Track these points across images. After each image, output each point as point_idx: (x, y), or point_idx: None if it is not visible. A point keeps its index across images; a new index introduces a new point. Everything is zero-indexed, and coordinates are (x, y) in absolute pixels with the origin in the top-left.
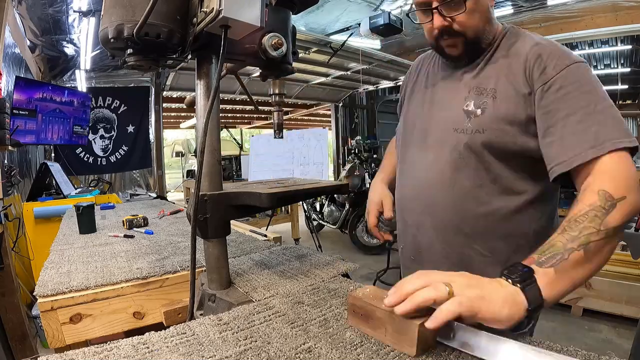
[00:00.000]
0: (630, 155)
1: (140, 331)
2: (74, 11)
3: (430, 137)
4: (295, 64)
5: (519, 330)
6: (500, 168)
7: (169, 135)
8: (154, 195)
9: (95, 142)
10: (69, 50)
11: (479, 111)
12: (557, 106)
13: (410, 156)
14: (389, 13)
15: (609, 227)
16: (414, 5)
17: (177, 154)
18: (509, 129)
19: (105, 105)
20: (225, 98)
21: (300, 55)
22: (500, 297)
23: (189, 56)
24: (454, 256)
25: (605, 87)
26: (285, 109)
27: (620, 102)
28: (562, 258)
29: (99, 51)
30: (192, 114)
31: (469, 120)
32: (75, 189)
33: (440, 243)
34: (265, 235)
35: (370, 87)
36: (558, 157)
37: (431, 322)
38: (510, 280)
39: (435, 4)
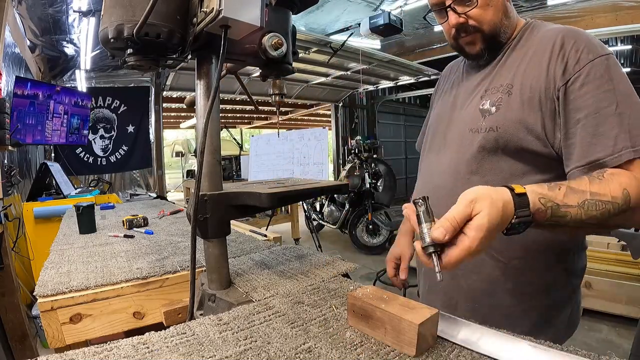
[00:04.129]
0: None
1: (140, 331)
2: (74, 11)
3: (448, 141)
4: (295, 64)
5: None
6: (515, 168)
7: (169, 135)
8: (154, 195)
9: (95, 142)
10: (69, 50)
11: (493, 109)
12: (578, 105)
13: (427, 162)
14: (389, 13)
15: (610, 224)
16: (430, 7)
17: (177, 154)
18: (523, 124)
19: (105, 105)
20: (225, 98)
21: (300, 55)
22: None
23: (189, 56)
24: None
25: None
26: (285, 109)
27: None
28: (565, 224)
29: (99, 51)
30: (192, 114)
31: (484, 119)
32: (75, 189)
33: None
34: (265, 235)
35: (370, 87)
36: (578, 160)
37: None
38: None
39: (448, 2)
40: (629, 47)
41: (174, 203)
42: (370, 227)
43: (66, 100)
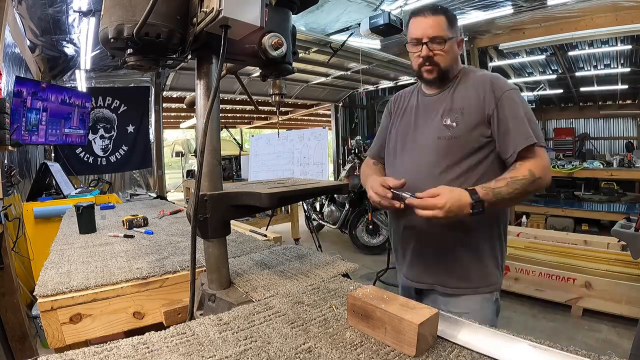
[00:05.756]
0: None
1: (140, 331)
2: (74, 11)
3: (418, 145)
4: (295, 64)
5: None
6: (469, 162)
7: (169, 135)
8: (154, 195)
9: (95, 142)
10: (69, 50)
11: (454, 124)
12: (506, 115)
13: (400, 160)
14: (389, 13)
15: (528, 191)
16: (408, 38)
17: (177, 154)
18: (474, 132)
19: (105, 105)
20: (225, 98)
21: (300, 55)
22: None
23: (189, 56)
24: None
25: (605, 87)
26: (285, 109)
27: (620, 102)
28: (502, 198)
29: (99, 51)
30: (192, 114)
31: (449, 130)
32: (75, 189)
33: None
34: (265, 235)
35: (370, 87)
36: (514, 146)
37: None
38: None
39: (425, 40)
40: (629, 47)
41: (174, 203)
42: (370, 227)
43: (52, 98)
